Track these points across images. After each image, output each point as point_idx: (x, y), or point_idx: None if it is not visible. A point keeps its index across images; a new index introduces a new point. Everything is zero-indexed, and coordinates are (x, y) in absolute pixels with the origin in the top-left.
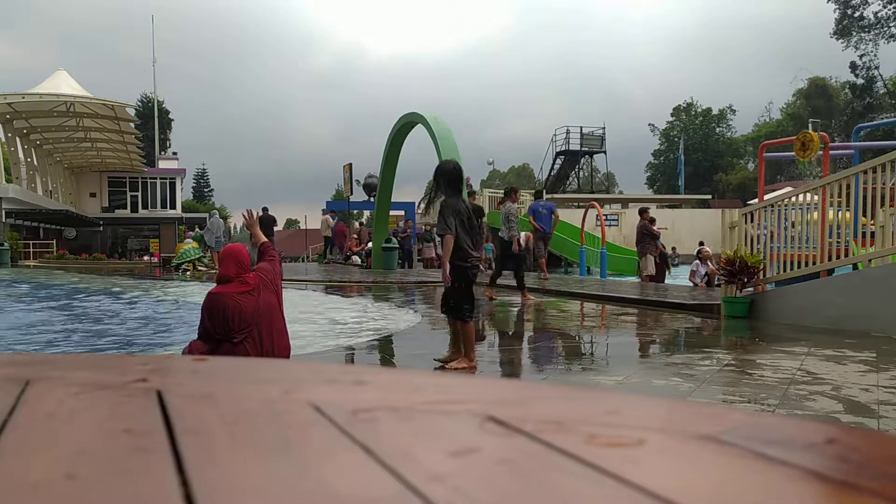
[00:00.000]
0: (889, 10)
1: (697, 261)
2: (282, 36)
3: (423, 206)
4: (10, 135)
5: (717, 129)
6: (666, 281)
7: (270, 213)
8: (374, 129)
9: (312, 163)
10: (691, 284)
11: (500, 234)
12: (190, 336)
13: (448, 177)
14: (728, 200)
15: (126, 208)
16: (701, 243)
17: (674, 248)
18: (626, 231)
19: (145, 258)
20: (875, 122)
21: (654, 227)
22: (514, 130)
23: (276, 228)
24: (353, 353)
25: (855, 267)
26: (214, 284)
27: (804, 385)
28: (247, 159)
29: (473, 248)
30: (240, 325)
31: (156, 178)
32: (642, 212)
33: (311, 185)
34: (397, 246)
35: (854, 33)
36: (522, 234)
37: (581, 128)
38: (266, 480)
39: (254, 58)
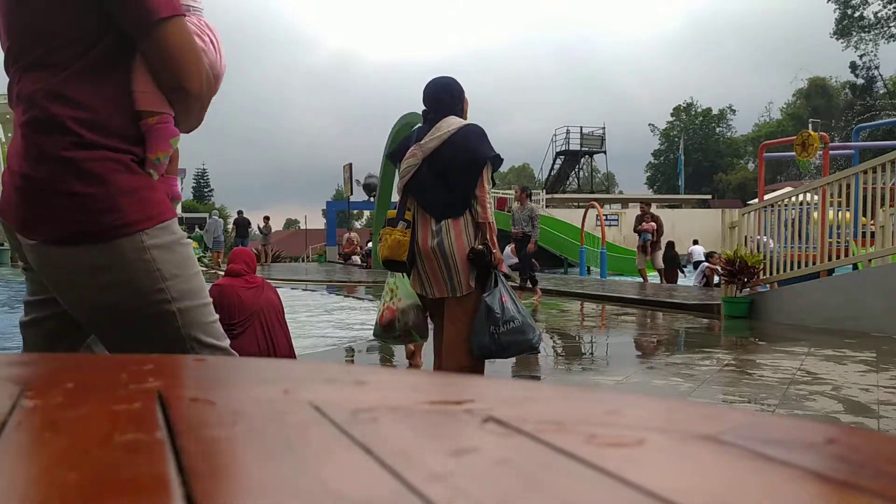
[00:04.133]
0: (889, 10)
1: (707, 263)
2: (281, 35)
3: None
4: (10, 135)
5: (717, 129)
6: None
7: (245, 215)
8: (374, 129)
9: (312, 163)
10: (696, 284)
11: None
12: None
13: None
14: (728, 200)
15: None
16: (695, 241)
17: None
18: (626, 231)
19: None
20: (875, 123)
21: (643, 224)
22: (514, 130)
23: (276, 229)
24: (354, 353)
25: (855, 267)
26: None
27: (804, 385)
28: (247, 159)
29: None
30: (239, 316)
31: None
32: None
33: (311, 185)
34: None
35: (854, 33)
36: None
37: (581, 128)
38: (266, 480)
39: (252, 57)
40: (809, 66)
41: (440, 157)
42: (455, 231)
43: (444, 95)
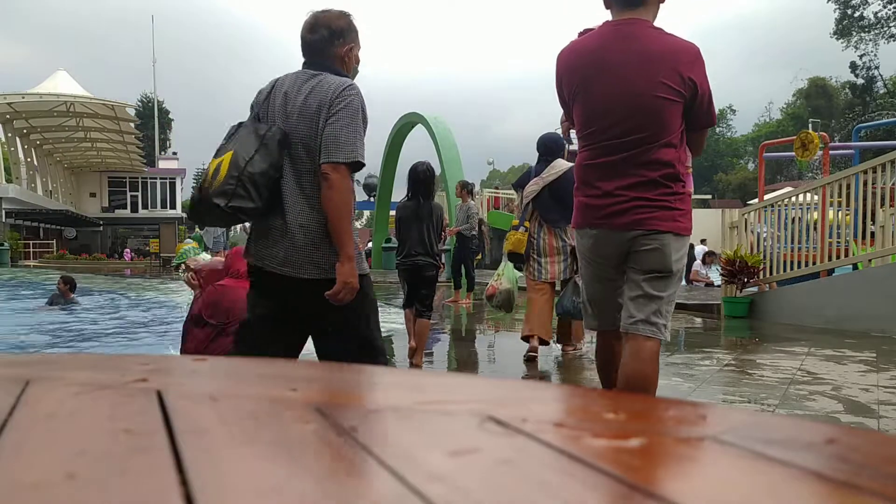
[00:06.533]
0: (889, 10)
1: (697, 261)
2: (282, 35)
3: None
4: (10, 135)
5: (717, 129)
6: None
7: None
8: (373, 129)
9: None
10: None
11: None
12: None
13: (408, 180)
14: (728, 200)
15: (126, 208)
16: (702, 241)
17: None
18: None
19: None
20: (875, 122)
21: None
22: (515, 129)
23: None
24: None
25: (855, 267)
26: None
27: (804, 385)
28: None
29: (418, 248)
30: (233, 318)
31: (156, 178)
32: None
33: None
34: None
35: (854, 33)
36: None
37: None
38: (266, 481)
39: (253, 56)
40: (809, 66)
41: (559, 186)
42: (570, 234)
43: (554, 146)
